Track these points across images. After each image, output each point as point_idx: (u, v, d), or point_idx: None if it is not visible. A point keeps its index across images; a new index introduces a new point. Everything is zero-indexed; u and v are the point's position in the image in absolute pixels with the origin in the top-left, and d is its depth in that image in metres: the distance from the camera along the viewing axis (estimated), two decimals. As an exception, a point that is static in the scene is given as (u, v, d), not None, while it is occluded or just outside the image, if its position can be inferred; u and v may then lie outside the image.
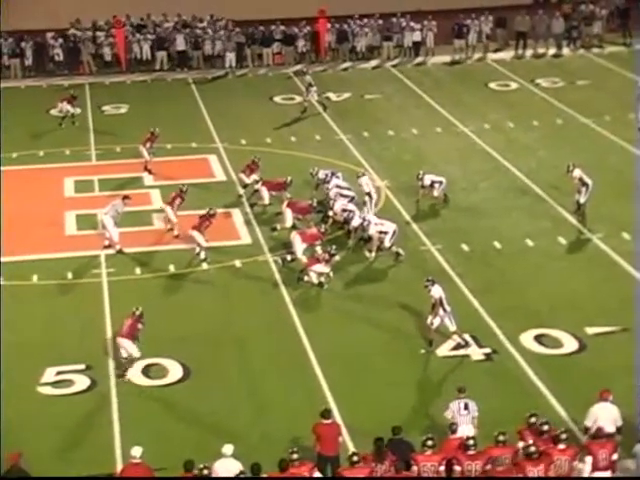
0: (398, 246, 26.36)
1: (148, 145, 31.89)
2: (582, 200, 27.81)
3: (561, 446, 16.66)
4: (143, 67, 44.18)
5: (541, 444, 16.68)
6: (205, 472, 16.39)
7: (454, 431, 17.55)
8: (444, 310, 21.95)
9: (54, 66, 43.75)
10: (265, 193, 29.16)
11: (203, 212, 26.74)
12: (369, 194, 28.18)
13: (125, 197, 27.51)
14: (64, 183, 31.59)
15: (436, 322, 22.04)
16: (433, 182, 29.01)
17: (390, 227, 26.26)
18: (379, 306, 24.16)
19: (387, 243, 26.18)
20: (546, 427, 17.11)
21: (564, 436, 16.75)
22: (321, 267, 24.94)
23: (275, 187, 29.26)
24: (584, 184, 27.78)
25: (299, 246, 25.72)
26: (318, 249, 25.86)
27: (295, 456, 16.64)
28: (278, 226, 27.67)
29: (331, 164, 31.21)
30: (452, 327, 22.10)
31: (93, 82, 42.43)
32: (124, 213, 27.32)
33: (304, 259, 25.44)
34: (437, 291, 22.10)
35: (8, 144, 34.65)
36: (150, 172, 31.91)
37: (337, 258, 25.40)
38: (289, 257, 25.87)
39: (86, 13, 45.15)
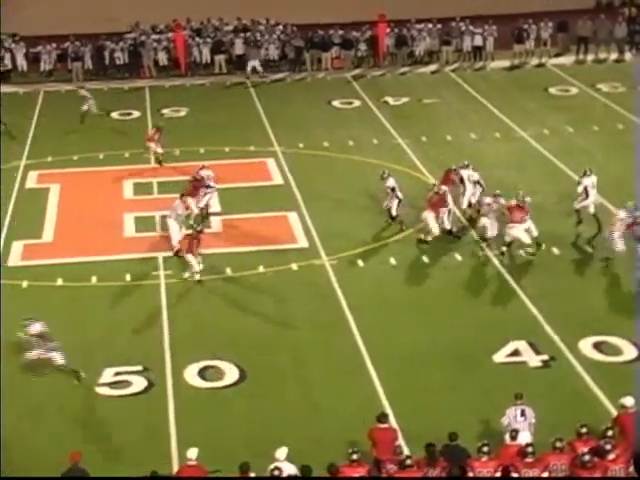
0: (456, 251, 26.52)
1: (156, 137, 32.98)
2: (592, 210, 27.51)
3: (611, 456, 16.47)
4: (202, 71, 44.46)
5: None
6: (276, 473, 16.39)
7: (514, 437, 17.39)
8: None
9: (115, 70, 44.16)
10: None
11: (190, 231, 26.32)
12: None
13: (183, 195, 27.62)
14: (123, 185, 31.86)
15: None
16: (462, 178, 28.77)
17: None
18: (435, 311, 24.07)
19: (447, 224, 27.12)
20: (611, 432, 16.89)
21: (608, 447, 16.56)
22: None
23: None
24: (585, 193, 27.43)
25: (433, 222, 26.56)
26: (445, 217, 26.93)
27: (355, 457, 16.62)
28: (423, 236, 27.34)
29: (388, 168, 30.96)
30: None
31: (153, 85, 42.78)
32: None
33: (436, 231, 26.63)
34: (35, 328, 21.08)
35: (69, 146, 35.07)
36: (160, 163, 33.00)
37: None
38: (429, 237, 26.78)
39: (146, 17, 45.54)
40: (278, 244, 27.44)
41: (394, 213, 28.22)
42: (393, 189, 28.25)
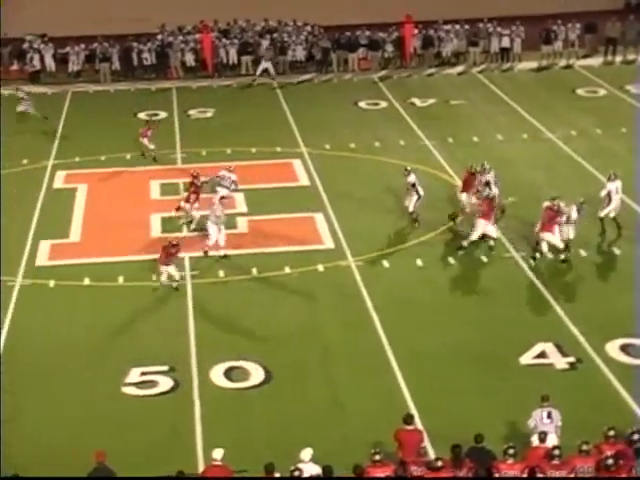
0: (482, 252, 26.54)
1: (149, 133, 33.52)
2: (612, 214, 27.31)
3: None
4: (229, 72, 44.51)
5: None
6: (296, 474, 16.38)
7: (543, 440, 17.29)
8: None
9: (142, 70, 44.27)
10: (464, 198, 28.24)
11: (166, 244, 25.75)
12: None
13: (222, 198, 27.63)
14: (150, 186, 31.94)
15: None
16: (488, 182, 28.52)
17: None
18: (461, 312, 24.03)
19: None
20: (636, 436, 16.85)
21: None
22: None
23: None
24: (609, 198, 27.18)
25: (480, 230, 26.47)
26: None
27: (377, 457, 16.60)
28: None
29: (414, 170, 30.87)
30: None
31: (180, 86, 42.86)
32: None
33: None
34: None
35: (97, 147, 35.18)
36: (155, 160, 33.62)
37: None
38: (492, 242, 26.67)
39: (173, 18, 45.64)
40: (304, 245, 27.46)
41: (411, 209, 28.35)
42: (413, 185, 28.34)
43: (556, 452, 16.47)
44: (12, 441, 19.32)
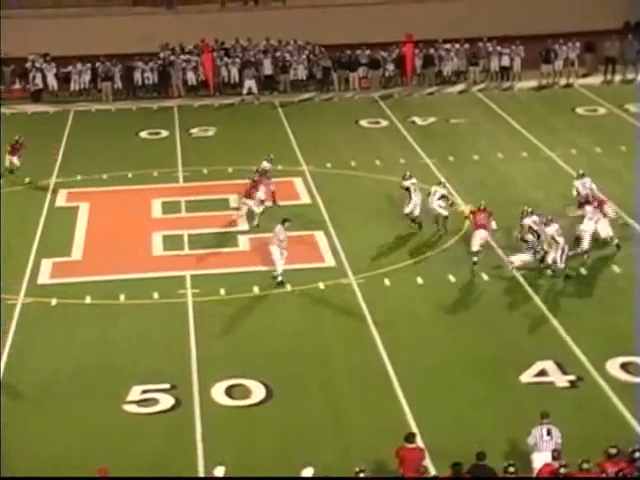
0: (482, 270, 26.69)
1: (17, 154, 33.99)
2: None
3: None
4: (230, 90, 44.63)
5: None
6: None
7: (556, 458, 17.26)
8: None
9: (144, 89, 44.36)
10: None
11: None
12: None
13: (285, 220, 26.96)
14: (152, 204, 32.02)
15: None
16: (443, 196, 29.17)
17: None
18: (461, 330, 24.07)
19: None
20: (638, 454, 16.88)
21: None
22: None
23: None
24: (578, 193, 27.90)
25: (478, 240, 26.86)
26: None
27: (362, 475, 16.64)
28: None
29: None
30: None
31: (181, 105, 42.99)
32: (211, 234, 27.71)
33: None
34: None
35: (99, 166, 35.25)
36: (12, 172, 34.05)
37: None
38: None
39: (175, 38, 45.81)
40: (305, 263, 27.53)
41: (406, 211, 28.95)
42: (407, 189, 28.95)
43: (562, 471, 16.50)
44: (11, 456, 19.34)
